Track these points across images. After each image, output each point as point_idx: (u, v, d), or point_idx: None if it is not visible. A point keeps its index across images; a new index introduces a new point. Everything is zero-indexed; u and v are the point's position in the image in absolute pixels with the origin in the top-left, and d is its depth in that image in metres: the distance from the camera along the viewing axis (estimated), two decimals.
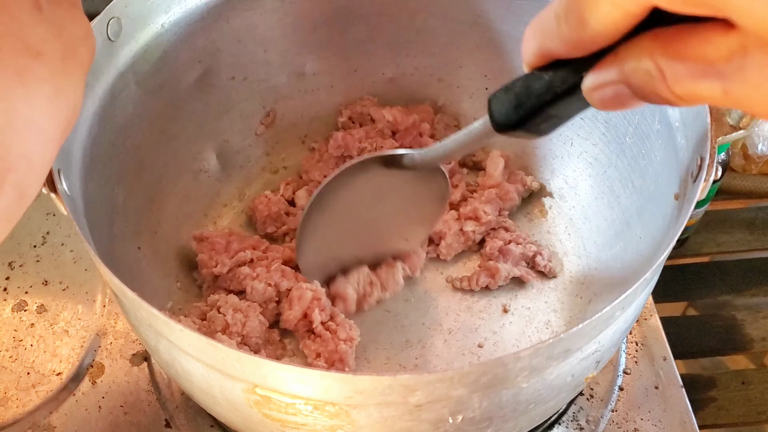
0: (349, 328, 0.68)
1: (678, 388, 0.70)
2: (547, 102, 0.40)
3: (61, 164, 0.52)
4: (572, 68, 0.37)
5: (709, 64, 0.30)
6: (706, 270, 0.93)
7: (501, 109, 0.43)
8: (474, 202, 0.77)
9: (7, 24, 0.40)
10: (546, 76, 0.39)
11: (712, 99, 0.31)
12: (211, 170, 0.79)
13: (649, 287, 0.53)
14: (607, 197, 0.73)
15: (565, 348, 0.46)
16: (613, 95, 0.35)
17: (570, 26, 0.34)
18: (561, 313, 0.72)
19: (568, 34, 0.34)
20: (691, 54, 0.31)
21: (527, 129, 0.43)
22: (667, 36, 0.31)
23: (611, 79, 0.34)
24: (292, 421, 0.48)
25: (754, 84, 0.29)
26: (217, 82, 0.75)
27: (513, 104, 0.42)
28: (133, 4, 0.63)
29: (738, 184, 0.95)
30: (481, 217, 0.75)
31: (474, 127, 0.50)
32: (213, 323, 0.67)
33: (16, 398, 0.70)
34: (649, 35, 0.32)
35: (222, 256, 0.72)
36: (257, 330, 0.68)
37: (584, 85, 0.36)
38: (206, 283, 0.73)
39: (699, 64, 0.30)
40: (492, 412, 0.48)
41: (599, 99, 0.36)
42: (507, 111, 0.42)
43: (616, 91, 0.35)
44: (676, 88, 0.31)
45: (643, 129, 0.65)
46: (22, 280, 0.78)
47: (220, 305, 0.69)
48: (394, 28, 0.79)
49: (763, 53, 0.28)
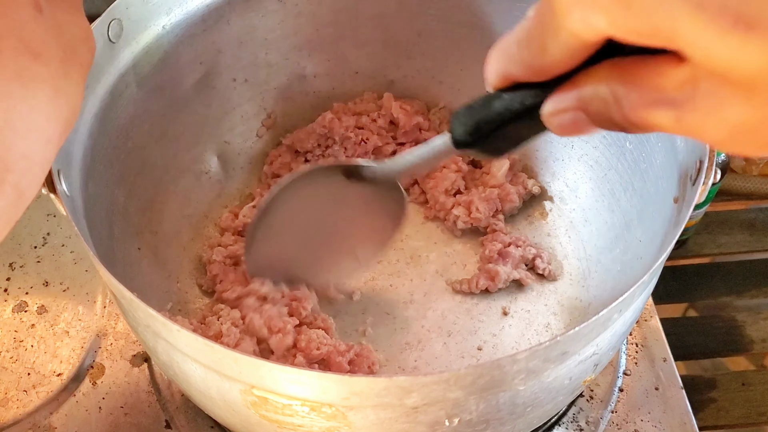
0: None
1: (678, 390, 0.70)
2: (505, 122, 0.40)
3: (60, 165, 0.53)
4: (532, 92, 0.38)
5: (663, 93, 0.31)
6: (706, 271, 0.93)
7: (460, 126, 0.43)
8: (473, 195, 0.77)
9: (7, 25, 0.40)
10: (506, 96, 0.39)
11: (665, 127, 0.32)
12: (212, 171, 0.79)
13: (647, 290, 0.53)
14: (607, 200, 0.73)
15: (562, 350, 0.46)
16: (570, 121, 0.36)
17: (531, 52, 0.35)
18: (561, 315, 0.72)
19: (529, 60, 0.35)
20: (646, 83, 0.32)
21: (483, 148, 0.43)
22: (623, 65, 0.33)
23: (569, 105, 0.35)
24: (289, 422, 0.48)
25: (703, 112, 0.30)
26: (218, 84, 0.75)
27: (472, 122, 0.42)
28: (134, 6, 0.63)
29: (738, 186, 0.95)
30: (472, 212, 0.75)
31: (435, 144, 0.50)
32: (208, 328, 0.67)
33: (17, 399, 0.70)
34: (607, 64, 0.33)
35: (234, 285, 0.71)
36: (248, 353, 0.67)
37: (543, 111, 0.37)
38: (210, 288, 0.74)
39: (653, 92, 0.31)
40: (489, 415, 0.48)
41: (557, 124, 0.37)
42: (466, 129, 0.43)
43: (574, 117, 0.36)
44: (631, 115, 0.32)
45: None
46: (23, 280, 0.78)
47: (221, 315, 0.68)
48: (395, 30, 0.79)
49: (711, 83, 0.29)
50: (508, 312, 0.73)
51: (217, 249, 0.73)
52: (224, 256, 0.73)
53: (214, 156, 0.79)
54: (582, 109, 0.35)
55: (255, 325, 0.66)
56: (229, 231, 0.76)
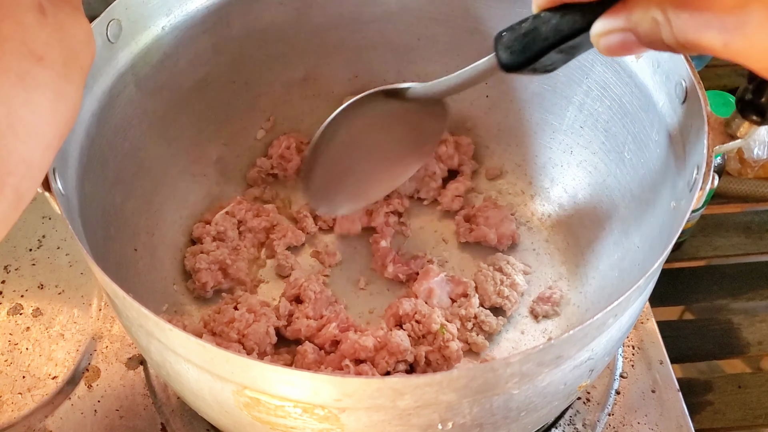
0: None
1: (675, 392, 0.70)
2: (553, 45, 0.41)
3: (56, 163, 0.52)
4: (581, 13, 0.38)
5: (714, 16, 0.32)
6: (702, 274, 0.93)
7: (508, 50, 0.44)
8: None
9: (11, 27, 0.41)
10: (554, 20, 0.40)
11: (712, 49, 0.33)
12: (210, 174, 0.79)
13: (643, 295, 0.53)
14: (605, 206, 0.73)
15: (556, 355, 0.46)
16: (619, 42, 0.37)
17: None
18: (558, 321, 0.72)
19: None
20: (698, 5, 0.33)
21: (533, 69, 0.44)
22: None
23: (619, 26, 0.37)
24: (281, 424, 0.48)
25: (752, 39, 0.32)
26: (217, 86, 0.75)
27: (520, 46, 0.43)
28: (133, 7, 0.63)
29: (734, 188, 0.95)
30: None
31: (479, 65, 0.51)
32: (223, 315, 0.68)
33: (12, 402, 0.69)
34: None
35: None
36: (259, 336, 0.68)
37: (593, 31, 0.38)
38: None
39: (704, 15, 0.33)
40: (482, 419, 0.48)
41: (606, 45, 0.38)
42: (514, 53, 0.44)
43: (623, 37, 0.37)
44: (680, 37, 0.34)
45: (641, 138, 0.65)
46: (18, 283, 0.78)
47: (239, 302, 0.70)
48: (395, 34, 0.79)
49: (763, 11, 0.31)
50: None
51: (200, 256, 0.73)
52: (209, 262, 0.73)
53: (213, 158, 0.79)
54: (632, 30, 0.36)
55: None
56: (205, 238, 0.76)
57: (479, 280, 0.74)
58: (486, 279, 0.73)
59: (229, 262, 0.73)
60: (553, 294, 0.72)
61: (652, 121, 0.63)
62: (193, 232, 0.76)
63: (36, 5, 0.42)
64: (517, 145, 0.81)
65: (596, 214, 0.74)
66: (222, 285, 0.73)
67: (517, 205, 0.81)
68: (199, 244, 0.75)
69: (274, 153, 0.81)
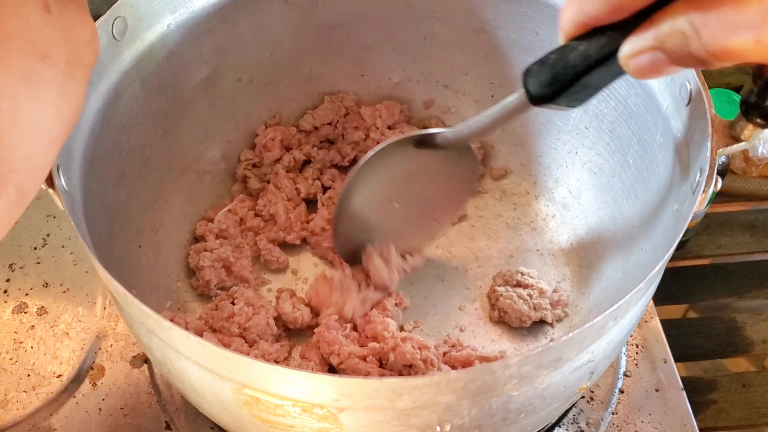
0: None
1: (678, 391, 0.70)
2: (582, 73, 0.41)
3: (60, 160, 0.52)
4: (608, 37, 0.38)
5: (742, 15, 0.32)
6: (706, 272, 0.93)
7: (536, 82, 0.44)
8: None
9: (16, 25, 0.41)
10: (581, 47, 0.40)
11: (744, 51, 0.32)
12: (215, 171, 0.79)
13: (645, 298, 0.53)
14: (609, 208, 0.73)
15: (555, 357, 0.46)
16: (649, 62, 0.37)
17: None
18: (561, 323, 0.72)
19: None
20: (725, 5, 0.32)
21: (562, 101, 0.44)
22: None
23: (647, 45, 0.36)
24: (281, 422, 0.48)
25: None
26: (222, 84, 0.75)
27: (549, 77, 0.43)
28: (139, 4, 0.63)
29: (738, 187, 0.95)
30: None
31: (508, 102, 0.50)
32: (221, 311, 0.68)
33: (17, 400, 0.70)
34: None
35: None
36: (261, 328, 0.68)
37: (621, 53, 0.38)
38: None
39: (732, 16, 0.32)
40: (482, 420, 0.48)
41: (635, 66, 0.37)
42: (542, 84, 0.43)
43: (652, 57, 0.36)
44: (710, 44, 0.33)
45: (646, 140, 0.65)
46: (23, 282, 0.78)
47: (236, 297, 0.70)
48: (401, 33, 0.79)
49: None
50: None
51: (204, 254, 0.73)
52: (212, 260, 0.73)
53: (218, 155, 0.79)
54: (660, 47, 0.36)
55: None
56: (209, 236, 0.76)
57: (504, 305, 0.71)
58: (514, 301, 0.71)
59: (233, 260, 0.73)
60: (561, 297, 0.72)
61: (656, 123, 0.63)
62: (197, 229, 0.76)
63: (41, 3, 0.42)
64: (522, 145, 0.81)
65: (600, 215, 0.74)
66: (225, 283, 0.73)
67: (521, 205, 0.80)
68: (203, 242, 0.75)
69: (258, 142, 0.81)
